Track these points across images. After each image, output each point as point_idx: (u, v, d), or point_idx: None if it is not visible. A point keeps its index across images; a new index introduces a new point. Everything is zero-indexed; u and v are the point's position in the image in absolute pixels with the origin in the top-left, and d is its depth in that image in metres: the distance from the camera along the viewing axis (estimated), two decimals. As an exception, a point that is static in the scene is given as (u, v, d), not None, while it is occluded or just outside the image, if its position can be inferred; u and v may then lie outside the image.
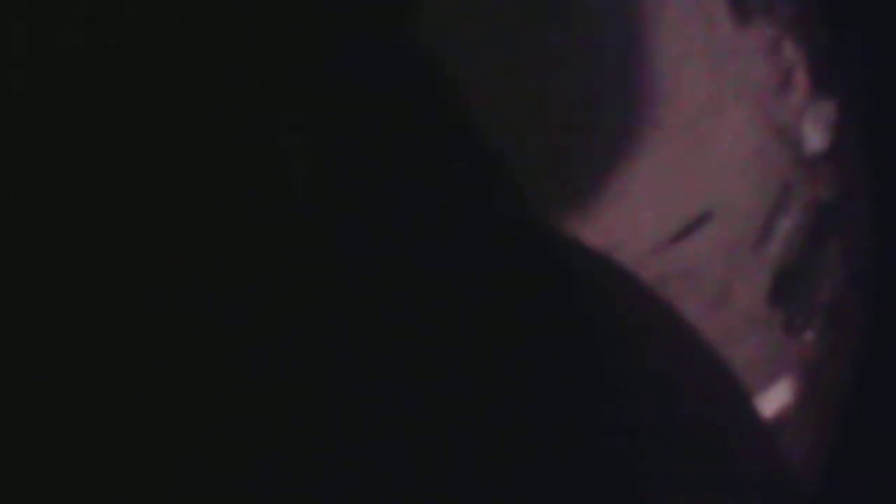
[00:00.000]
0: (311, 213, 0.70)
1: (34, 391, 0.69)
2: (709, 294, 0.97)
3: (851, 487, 1.19)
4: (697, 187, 1.00)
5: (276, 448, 0.66)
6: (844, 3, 1.32)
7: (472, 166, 0.73)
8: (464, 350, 0.62)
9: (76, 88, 0.71)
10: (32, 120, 0.70)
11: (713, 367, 0.65)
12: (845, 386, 1.18)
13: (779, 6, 1.24)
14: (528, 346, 0.62)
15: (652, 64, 0.94)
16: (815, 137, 1.17)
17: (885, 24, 1.40)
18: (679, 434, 0.61)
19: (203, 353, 0.68)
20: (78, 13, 0.69)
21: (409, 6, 0.74)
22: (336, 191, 0.69)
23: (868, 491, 1.22)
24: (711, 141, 1.03)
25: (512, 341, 0.63)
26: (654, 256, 0.95)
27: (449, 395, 0.61)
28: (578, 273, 0.74)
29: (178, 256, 0.71)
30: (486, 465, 0.59)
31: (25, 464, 0.66)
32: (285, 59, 0.71)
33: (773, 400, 1.10)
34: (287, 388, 0.68)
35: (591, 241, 0.75)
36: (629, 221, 0.90)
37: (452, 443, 0.59)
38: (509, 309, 0.63)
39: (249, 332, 0.68)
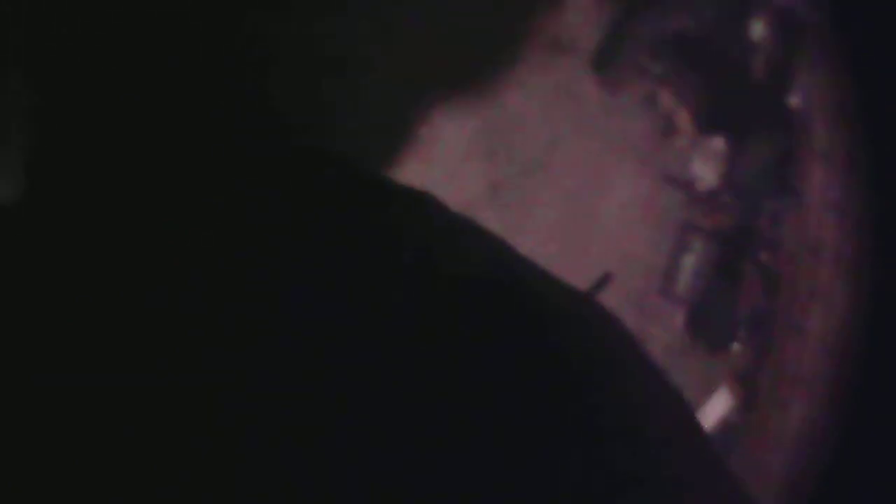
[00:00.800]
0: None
1: (35, 390, 0.67)
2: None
3: (851, 487, 1.25)
4: (594, 252, 1.07)
5: (276, 448, 0.64)
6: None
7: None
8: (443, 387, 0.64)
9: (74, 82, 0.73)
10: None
11: (670, 388, 0.69)
12: (793, 394, 1.25)
13: (648, 63, 1.34)
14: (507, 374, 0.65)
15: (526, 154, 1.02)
16: (706, 174, 1.27)
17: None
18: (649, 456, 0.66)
19: (203, 352, 0.67)
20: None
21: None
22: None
23: (868, 491, 1.28)
24: (601, 205, 1.10)
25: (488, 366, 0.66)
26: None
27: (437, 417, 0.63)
28: (549, 301, 0.76)
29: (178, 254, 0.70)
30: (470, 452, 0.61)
31: (25, 463, 0.65)
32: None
33: (713, 411, 1.17)
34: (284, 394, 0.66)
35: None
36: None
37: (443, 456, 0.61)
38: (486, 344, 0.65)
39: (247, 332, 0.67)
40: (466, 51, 1.22)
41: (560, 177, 1.12)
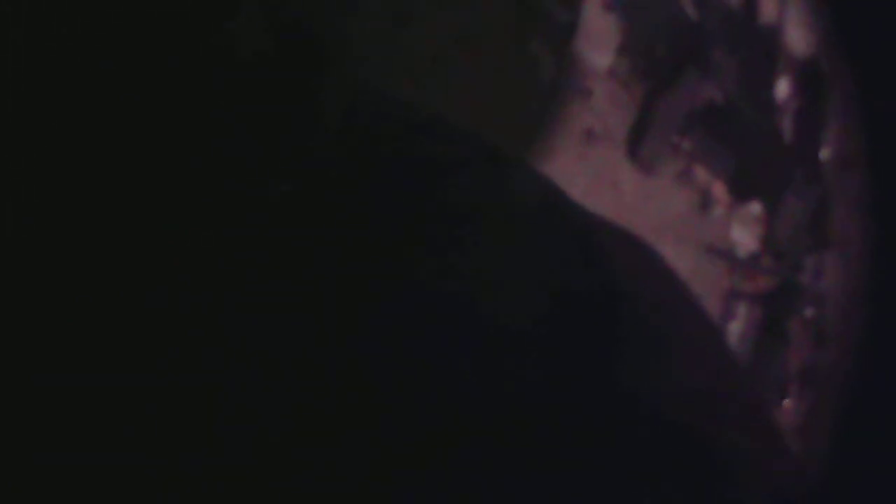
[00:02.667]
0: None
1: (34, 390, 0.70)
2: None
3: (851, 487, 1.31)
4: None
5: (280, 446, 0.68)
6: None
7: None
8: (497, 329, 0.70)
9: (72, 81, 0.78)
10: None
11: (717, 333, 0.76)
12: (828, 439, 1.32)
13: (679, 140, 1.45)
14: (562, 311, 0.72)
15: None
16: (745, 240, 1.37)
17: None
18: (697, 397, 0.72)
19: (204, 351, 0.71)
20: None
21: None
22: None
23: (868, 491, 1.33)
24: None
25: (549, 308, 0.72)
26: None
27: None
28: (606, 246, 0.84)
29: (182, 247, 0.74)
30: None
31: (25, 463, 0.68)
32: None
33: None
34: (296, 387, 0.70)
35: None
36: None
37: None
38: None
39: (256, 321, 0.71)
40: (502, 143, 1.32)
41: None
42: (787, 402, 1.84)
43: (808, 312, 2.06)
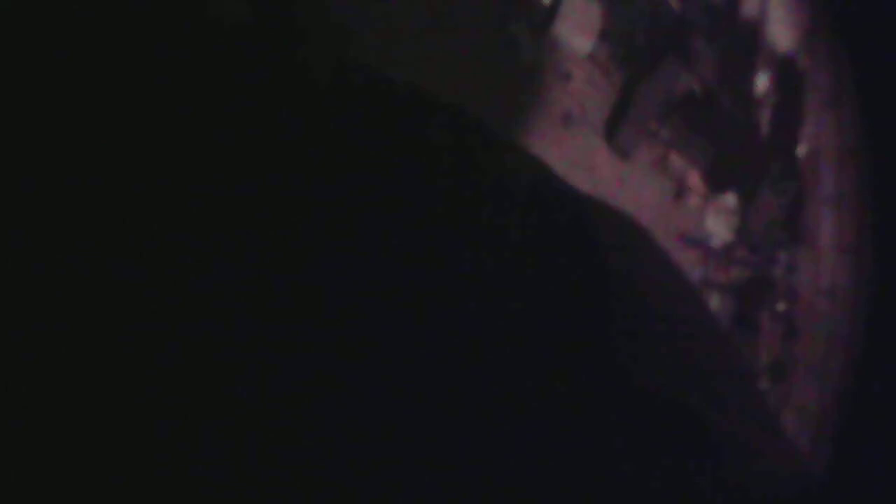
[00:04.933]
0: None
1: (35, 390, 0.70)
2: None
3: (851, 487, 1.31)
4: None
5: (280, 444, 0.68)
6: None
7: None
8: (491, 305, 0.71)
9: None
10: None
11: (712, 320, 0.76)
12: (816, 437, 1.31)
13: (657, 128, 1.43)
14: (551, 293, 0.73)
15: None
16: (720, 230, 1.35)
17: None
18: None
19: (208, 348, 0.70)
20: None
21: None
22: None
23: (868, 491, 1.33)
24: None
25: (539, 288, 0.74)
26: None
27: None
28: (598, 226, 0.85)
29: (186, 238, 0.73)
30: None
31: (25, 463, 0.68)
32: None
33: None
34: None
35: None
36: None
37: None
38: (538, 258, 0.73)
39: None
40: (478, 126, 1.30)
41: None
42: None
43: (780, 306, 2.08)
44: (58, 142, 0.96)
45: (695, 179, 1.97)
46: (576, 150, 1.51)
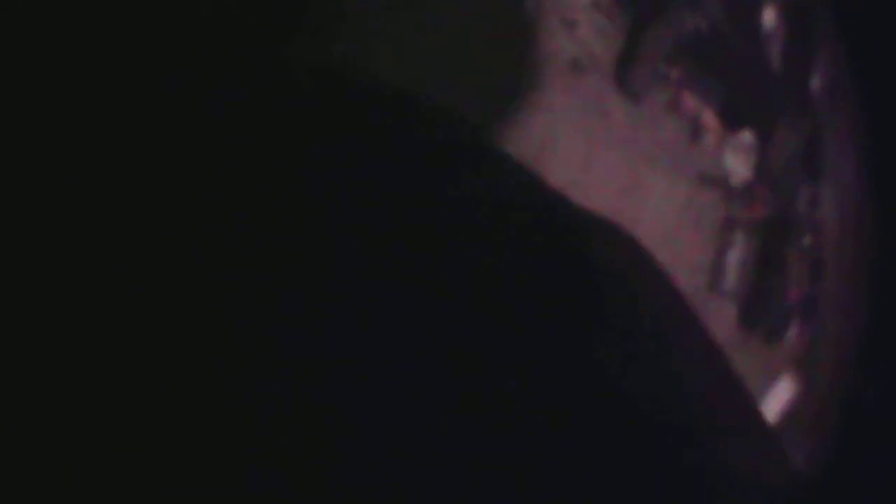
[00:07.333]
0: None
1: (35, 390, 0.67)
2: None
3: (851, 487, 1.27)
4: None
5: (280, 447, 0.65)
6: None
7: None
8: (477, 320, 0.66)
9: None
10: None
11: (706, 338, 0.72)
12: (845, 376, 1.27)
13: (667, 69, 1.36)
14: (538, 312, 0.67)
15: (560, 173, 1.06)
16: (739, 168, 1.30)
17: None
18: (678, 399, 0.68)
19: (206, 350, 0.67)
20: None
21: None
22: None
23: (868, 491, 1.29)
24: (641, 214, 1.15)
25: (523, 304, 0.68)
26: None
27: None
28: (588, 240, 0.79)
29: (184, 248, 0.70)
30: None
31: (26, 463, 0.65)
32: None
33: (776, 400, 1.20)
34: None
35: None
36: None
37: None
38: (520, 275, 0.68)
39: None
40: (487, 80, 1.25)
41: (597, 193, 1.16)
42: (790, 334, 1.81)
43: (806, 241, 2.02)
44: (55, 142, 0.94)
45: (709, 118, 1.93)
46: (587, 96, 1.47)
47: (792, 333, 1.28)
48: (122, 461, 0.65)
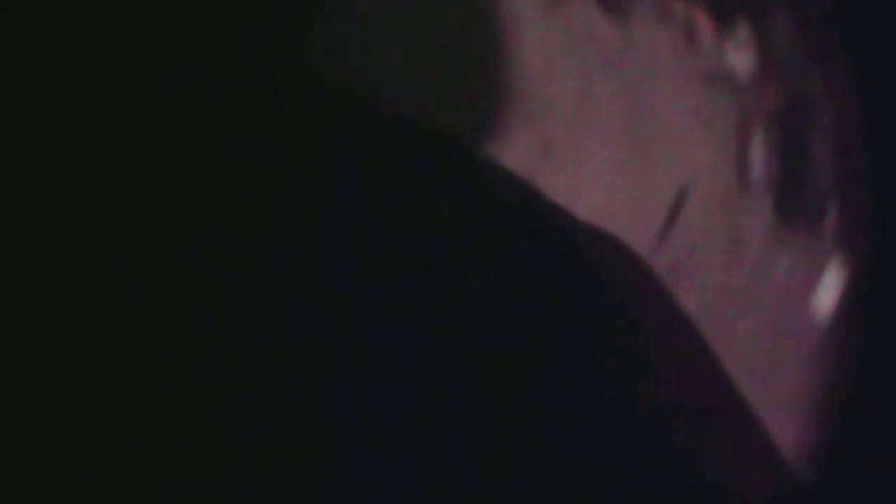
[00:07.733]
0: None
1: (35, 390, 0.69)
2: (720, 244, 1.05)
3: (851, 487, 1.23)
4: (661, 175, 1.08)
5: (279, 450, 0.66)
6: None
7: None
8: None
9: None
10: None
11: (708, 352, 0.70)
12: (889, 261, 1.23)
13: None
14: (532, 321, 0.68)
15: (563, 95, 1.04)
16: (742, 62, 1.28)
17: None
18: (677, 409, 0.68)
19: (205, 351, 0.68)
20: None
21: None
22: None
23: (868, 491, 1.26)
24: (654, 128, 1.12)
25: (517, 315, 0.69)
26: (664, 243, 1.05)
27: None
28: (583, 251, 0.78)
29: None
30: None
31: (25, 463, 0.67)
32: None
33: (828, 289, 1.18)
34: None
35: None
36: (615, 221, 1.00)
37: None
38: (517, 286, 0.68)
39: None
40: (469, 20, 1.23)
41: (605, 118, 1.14)
42: (828, 217, 1.75)
43: (826, 120, 1.95)
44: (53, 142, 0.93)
45: (701, 18, 1.87)
46: (576, 23, 1.42)
47: (832, 216, 1.24)
48: (122, 461, 0.68)
